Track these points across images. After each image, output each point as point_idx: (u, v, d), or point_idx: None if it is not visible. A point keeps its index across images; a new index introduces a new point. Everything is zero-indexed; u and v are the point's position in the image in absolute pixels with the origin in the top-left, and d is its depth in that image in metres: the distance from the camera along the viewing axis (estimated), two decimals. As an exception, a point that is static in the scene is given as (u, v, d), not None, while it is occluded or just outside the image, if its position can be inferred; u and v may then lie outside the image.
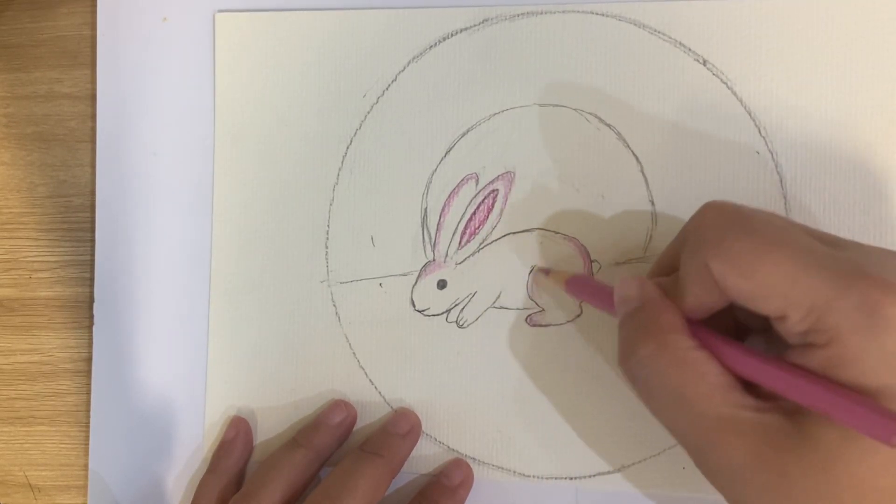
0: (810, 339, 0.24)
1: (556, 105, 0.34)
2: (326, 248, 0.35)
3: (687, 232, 0.28)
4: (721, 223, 0.26)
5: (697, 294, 0.26)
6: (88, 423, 0.37)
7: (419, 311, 0.35)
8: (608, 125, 0.34)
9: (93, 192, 0.37)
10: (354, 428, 0.35)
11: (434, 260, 0.35)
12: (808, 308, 0.23)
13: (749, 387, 0.25)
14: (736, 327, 0.29)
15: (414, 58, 0.35)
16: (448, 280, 0.34)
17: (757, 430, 0.24)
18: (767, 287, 0.24)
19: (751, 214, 0.26)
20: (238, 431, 0.35)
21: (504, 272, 0.34)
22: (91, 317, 0.37)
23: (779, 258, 0.24)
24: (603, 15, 0.34)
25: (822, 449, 0.23)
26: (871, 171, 0.32)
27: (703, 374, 0.25)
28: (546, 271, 0.34)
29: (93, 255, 0.37)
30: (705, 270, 0.25)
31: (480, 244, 0.34)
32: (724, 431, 0.24)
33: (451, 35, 0.35)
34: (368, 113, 0.35)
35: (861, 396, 0.22)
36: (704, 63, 0.33)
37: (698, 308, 0.26)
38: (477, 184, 0.34)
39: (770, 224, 0.25)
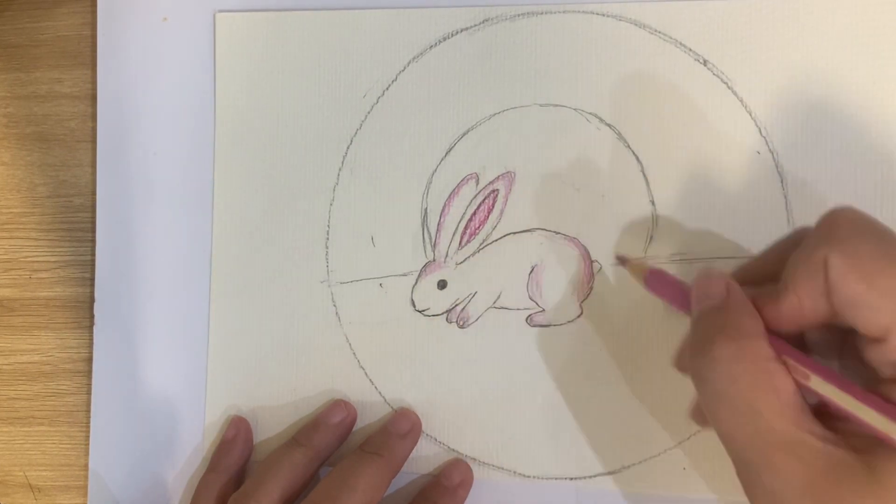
0: None
1: (556, 105, 0.34)
2: (326, 248, 0.35)
3: (806, 230, 0.26)
4: (852, 223, 0.24)
5: (800, 297, 0.24)
6: (88, 423, 0.37)
7: (419, 312, 0.34)
8: (608, 125, 0.34)
9: (93, 192, 0.37)
10: (354, 428, 0.35)
11: (434, 260, 0.35)
12: None
13: (817, 416, 0.24)
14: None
15: (414, 58, 0.35)
16: (448, 280, 0.34)
17: (820, 459, 0.22)
18: (882, 297, 0.22)
19: (883, 226, 0.24)
20: (238, 431, 0.35)
21: (504, 272, 0.34)
22: (91, 317, 0.37)
23: None
24: (603, 15, 0.34)
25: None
26: (871, 172, 0.32)
27: (777, 389, 0.23)
28: (623, 259, 0.32)
29: (93, 255, 0.37)
30: (820, 268, 0.23)
31: (481, 244, 0.34)
32: (786, 453, 0.23)
33: (451, 35, 0.35)
34: (368, 113, 0.35)
35: None
36: (704, 63, 0.33)
37: (790, 317, 0.25)
38: (477, 184, 0.34)
39: None
